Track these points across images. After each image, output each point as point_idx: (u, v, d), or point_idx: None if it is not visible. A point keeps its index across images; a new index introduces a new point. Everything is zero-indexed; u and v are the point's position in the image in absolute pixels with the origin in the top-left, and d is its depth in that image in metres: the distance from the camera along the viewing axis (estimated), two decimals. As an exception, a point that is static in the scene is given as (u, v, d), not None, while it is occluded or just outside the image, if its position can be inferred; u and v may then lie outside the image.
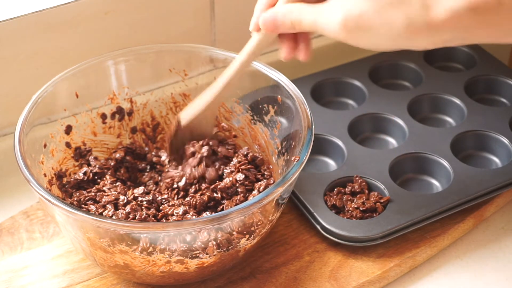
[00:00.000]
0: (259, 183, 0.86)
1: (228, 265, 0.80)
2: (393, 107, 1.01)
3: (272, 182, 0.87)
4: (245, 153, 0.89)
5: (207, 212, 0.82)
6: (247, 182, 0.86)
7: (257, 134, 0.92)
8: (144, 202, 0.83)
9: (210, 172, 0.85)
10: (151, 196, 0.84)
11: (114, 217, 0.81)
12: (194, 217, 0.81)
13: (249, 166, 0.87)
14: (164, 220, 0.81)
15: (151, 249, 0.74)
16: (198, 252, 0.76)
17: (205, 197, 0.83)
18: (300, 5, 0.73)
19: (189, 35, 1.03)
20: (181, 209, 0.81)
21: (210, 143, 0.87)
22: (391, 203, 0.88)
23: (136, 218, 0.80)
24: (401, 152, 0.95)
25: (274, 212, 0.80)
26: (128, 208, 0.81)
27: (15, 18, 0.90)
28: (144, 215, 0.81)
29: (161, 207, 0.83)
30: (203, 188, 0.85)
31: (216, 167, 0.86)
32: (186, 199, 0.84)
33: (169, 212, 0.82)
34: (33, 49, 0.94)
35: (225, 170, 0.87)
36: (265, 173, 0.88)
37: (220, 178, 0.86)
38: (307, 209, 0.88)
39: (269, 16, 0.75)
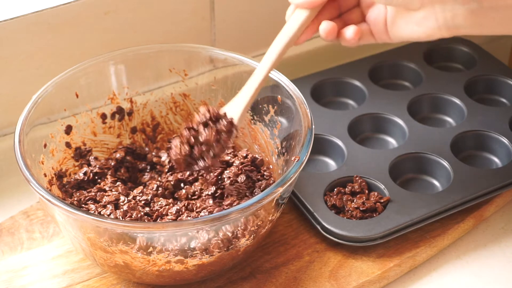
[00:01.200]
0: (259, 183, 0.86)
1: (228, 265, 0.80)
2: (393, 107, 1.01)
3: (272, 182, 0.87)
4: (245, 154, 0.89)
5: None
6: (250, 184, 0.86)
7: (257, 134, 0.92)
8: (142, 202, 0.83)
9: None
10: (149, 196, 0.84)
11: (112, 216, 0.81)
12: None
13: (251, 167, 0.87)
14: (159, 220, 0.82)
15: (150, 249, 0.74)
16: (198, 252, 0.76)
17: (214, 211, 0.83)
18: None
19: (189, 35, 1.03)
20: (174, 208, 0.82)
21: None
22: (391, 203, 0.88)
23: (133, 216, 0.81)
24: (401, 152, 0.95)
25: (274, 212, 0.80)
26: (125, 207, 0.82)
27: (15, 18, 0.90)
28: (140, 214, 0.81)
29: (152, 208, 0.83)
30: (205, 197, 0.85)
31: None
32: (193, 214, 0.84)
33: (163, 212, 0.82)
34: (33, 49, 0.94)
35: (224, 175, 0.87)
36: (265, 173, 0.88)
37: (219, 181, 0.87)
38: (307, 209, 0.88)
39: None
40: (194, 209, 0.83)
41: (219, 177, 0.88)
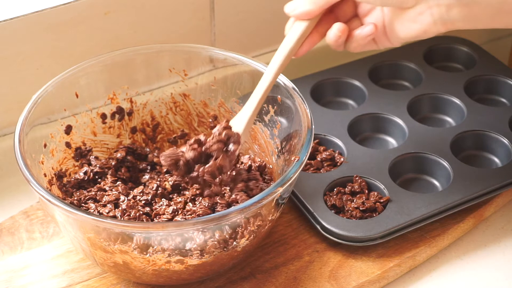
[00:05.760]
0: (259, 183, 0.86)
1: (227, 264, 0.80)
2: (393, 107, 1.01)
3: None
4: (248, 163, 0.89)
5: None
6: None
7: (257, 134, 0.92)
8: (142, 201, 0.83)
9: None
10: (150, 196, 0.84)
11: (111, 214, 0.81)
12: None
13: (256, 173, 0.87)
14: (157, 219, 0.82)
15: (150, 248, 0.74)
16: (198, 251, 0.76)
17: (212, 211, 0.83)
18: None
19: (189, 35, 1.03)
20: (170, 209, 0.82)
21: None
22: (391, 203, 0.88)
23: (131, 215, 0.81)
24: (401, 152, 0.95)
25: (274, 212, 0.80)
26: (124, 205, 0.82)
27: (15, 18, 0.90)
28: (139, 212, 0.81)
29: (153, 208, 0.83)
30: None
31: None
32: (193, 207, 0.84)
33: (160, 212, 0.82)
34: (33, 49, 0.94)
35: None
36: (266, 177, 0.88)
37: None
38: (307, 209, 0.88)
39: None
40: (190, 209, 0.83)
41: None
